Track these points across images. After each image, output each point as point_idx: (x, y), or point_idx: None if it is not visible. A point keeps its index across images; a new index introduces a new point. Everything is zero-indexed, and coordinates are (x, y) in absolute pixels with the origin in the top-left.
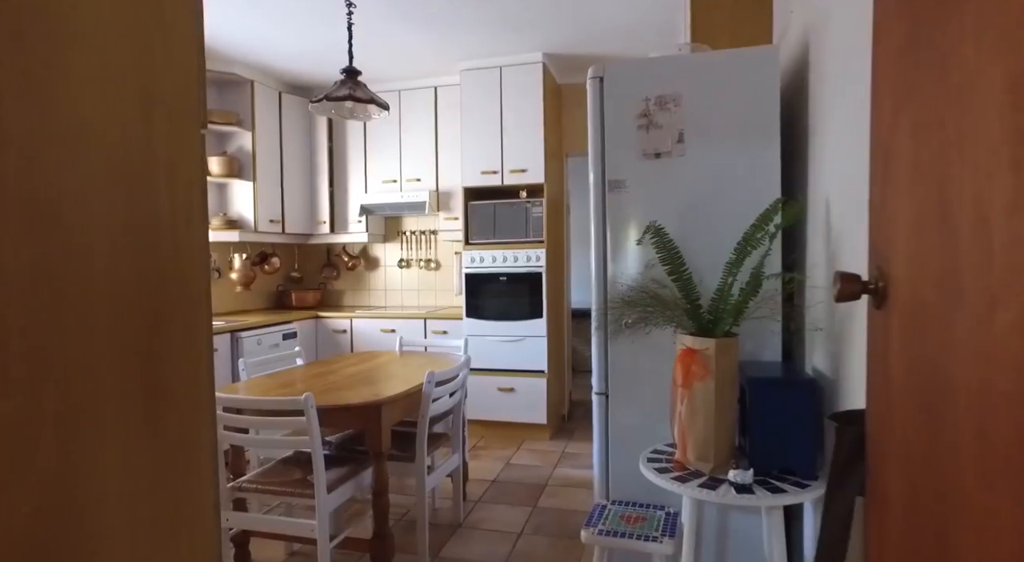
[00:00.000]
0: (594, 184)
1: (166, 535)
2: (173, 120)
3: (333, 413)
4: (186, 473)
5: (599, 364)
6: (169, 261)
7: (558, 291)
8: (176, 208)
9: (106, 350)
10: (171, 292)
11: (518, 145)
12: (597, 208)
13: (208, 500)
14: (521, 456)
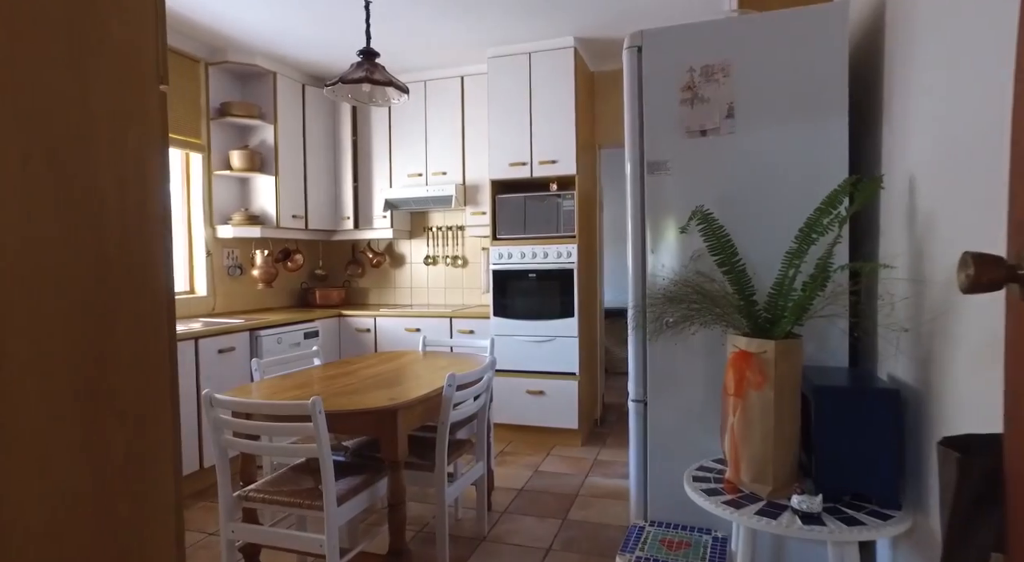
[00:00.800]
0: (631, 166)
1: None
2: (119, 71)
3: (344, 418)
4: (139, 480)
5: (637, 368)
6: (114, 249)
7: (591, 289)
8: (124, 184)
9: (19, 351)
10: (117, 286)
11: (548, 135)
12: (635, 193)
13: (167, 509)
14: (550, 463)
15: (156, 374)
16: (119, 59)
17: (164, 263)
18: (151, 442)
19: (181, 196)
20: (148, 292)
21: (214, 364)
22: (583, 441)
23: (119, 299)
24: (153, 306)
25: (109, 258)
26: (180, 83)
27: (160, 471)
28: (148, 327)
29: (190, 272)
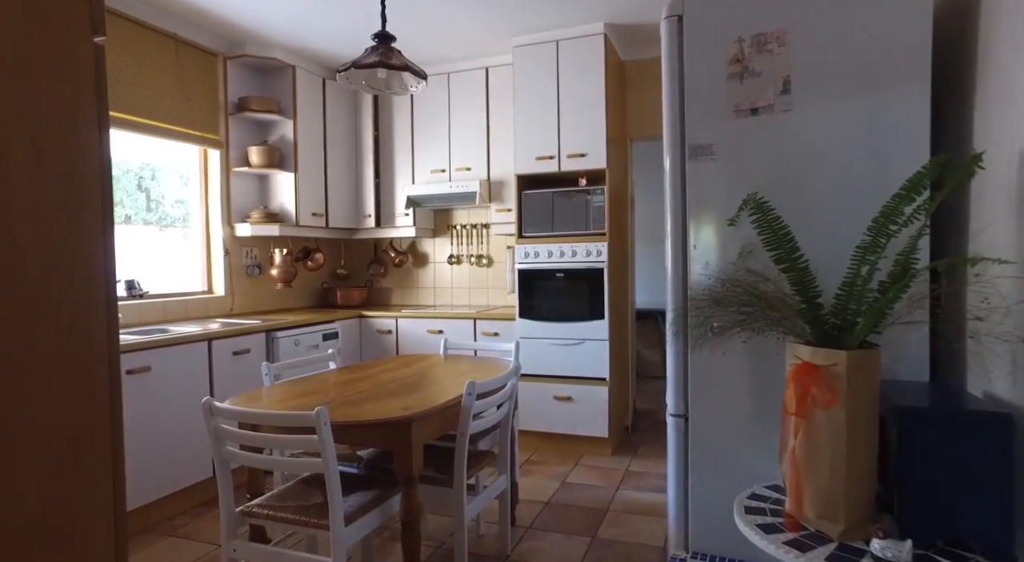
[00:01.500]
0: (671, 152)
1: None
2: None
3: (353, 430)
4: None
5: (677, 379)
6: (25, 238)
7: (621, 289)
8: (42, 155)
9: None
10: (30, 286)
11: (576, 128)
12: (675, 183)
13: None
14: (579, 474)
15: (88, 398)
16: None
17: (103, 258)
18: (79, 483)
19: (199, 193)
20: (78, 294)
21: (228, 367)
22: (613, 450)
23: (34, 303)
24: (85, 312)
25: (19, 248)
26: (198, 77)
27: (92, 520)
28: (79, 338)
29: (208, 272)
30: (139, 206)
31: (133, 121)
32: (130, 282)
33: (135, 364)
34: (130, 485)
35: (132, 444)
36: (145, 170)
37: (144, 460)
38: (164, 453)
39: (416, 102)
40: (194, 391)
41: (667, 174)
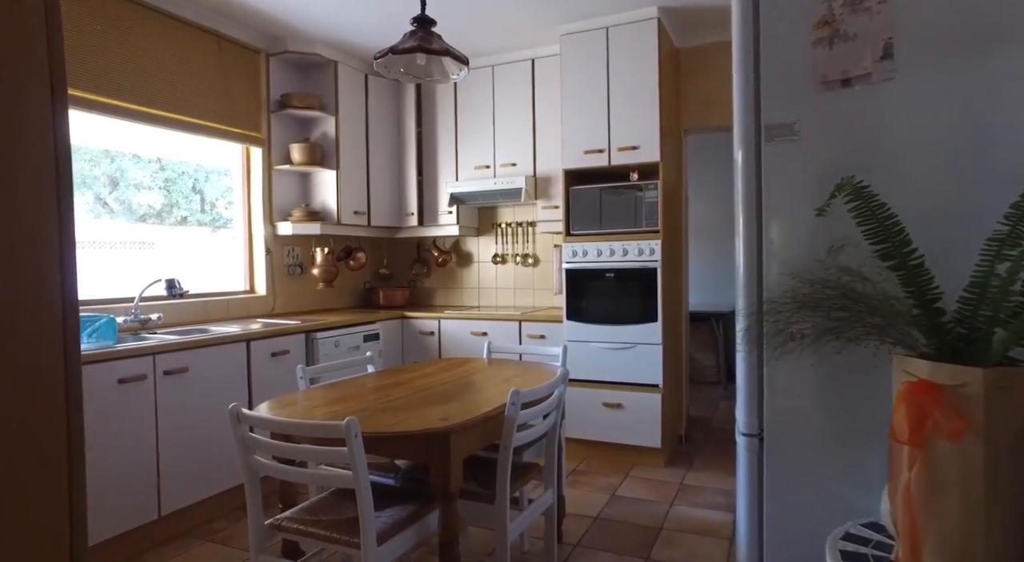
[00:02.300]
0: (742, 134)
1: None
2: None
3: (387, 442)
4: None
5: (750, 393)
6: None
7: (676, 290)
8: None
9: None
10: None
11: (628, 119)
12: (748, 168)
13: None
14: (630, 486)
15: (39, 412)
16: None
17: (60, 261)
18: (28, 515)
19: (241, 192)
20: (26, 300)
21: (267, 368)
22: (666, 461)
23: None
24: (37, 320)
25: None
26: (240, 75)
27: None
28: (29, 349)
29: (250, 271)
30: (194, 207)
31: (176, 119)
32: (170, 281)
33: (172, 365)
34: (165, 488)
35: (168, 446)
36: (199, 172)
37: (180, 462)
38: (201, 456)
39: (460, 96)
40: (232, 393)
41: (738, 160)
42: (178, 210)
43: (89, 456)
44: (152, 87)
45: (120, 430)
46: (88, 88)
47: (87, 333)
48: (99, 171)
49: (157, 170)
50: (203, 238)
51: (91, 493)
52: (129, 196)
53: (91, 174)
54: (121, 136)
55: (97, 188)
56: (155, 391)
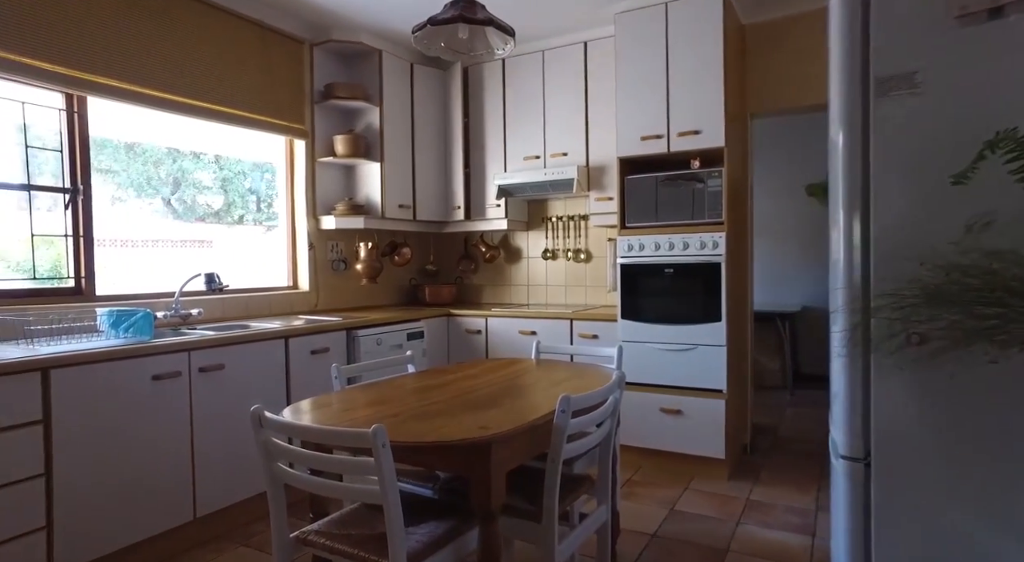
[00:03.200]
0: (843, 89)
1: None
2: None
3: (420, 452)
4: None
5: (852, 409)
6: None
7: (741, 287)
8: None
9: None
10: None
11: (689, 102)
12: (850, 133)
13: None
14: (690, 500)
15: None
16: None
17: None
18: None
19: (285, 185)
20: None
21: (306, 367)
22: (730, 474)
23: None
24: None
25: None
26: (284, 66)
27: None
28: None
29: (293, 266)
30: (250, 207)
31: (220, 111)
32: (210, 276)
33: (208, 361)
34: (200, 489)
35: (203, 446)
36: (255, 171)
37: (216, 463)
38: (238, 456)
39: (508, 84)
40: (269, 391)
41: (837, 125)
42: (235, 209)
43: (122, 454)
44: (194, 78)
45: (154, 428)
46: (130, 79)
47: (123, 327)
48: (163, 172)
49: (215, 170)
50: (257, 236)
51: (124, 493)
52: (191, 196)
53: (156, 175)
54: (176, 134)
55: (162, 189)
56: (190, 389)
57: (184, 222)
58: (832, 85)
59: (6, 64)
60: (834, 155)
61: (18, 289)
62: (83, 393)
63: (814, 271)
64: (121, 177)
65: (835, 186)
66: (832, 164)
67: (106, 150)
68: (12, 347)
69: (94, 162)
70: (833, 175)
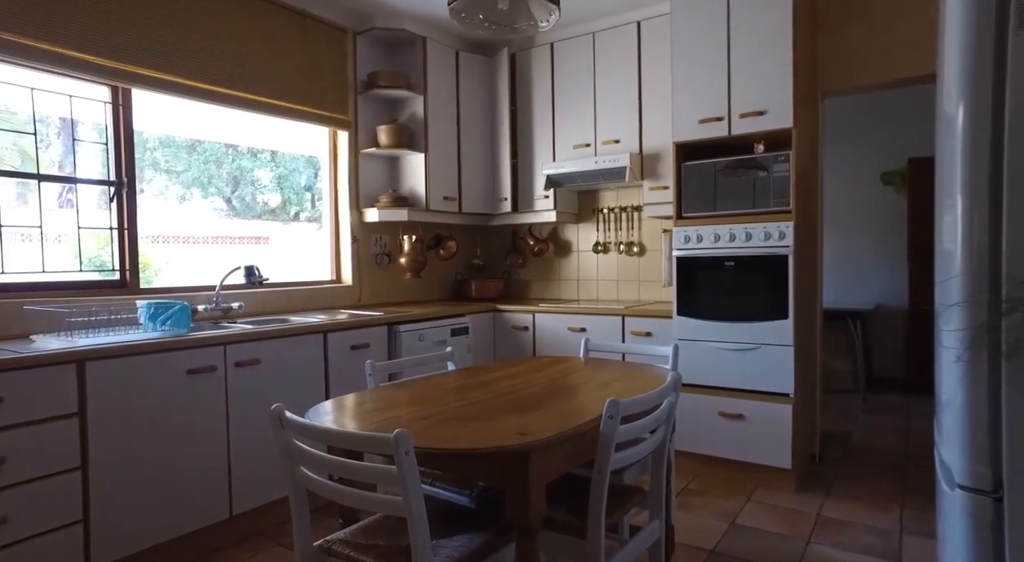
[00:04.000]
0: (969, 26)
1: None
2: None
3: (450, 459)
4: None
5: (972, 426)
6: None
7: (809, 282)
8: None
9: None
10: None
11: (752, 80)
12: (975, 82)
13: None
14: (753, 514)
15: None
16: None
17: None
18: None
19: (328, 177)
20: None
21: (346, 363)
22: (797, 485)
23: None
24: None
25: None
26: (327, 55)
27: None
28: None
29: (336, 260)
30: (305, 204)
31: (263, 102)
32: (249, 269)
33: (244, 356)
34: (237, 485)
35: (239, 442)
36: (308, 168)
37: (252, 460)
38: (275, 454)
39: (557, 69)
40: (307, 387)
41: (957, 81)
42: (291, 206)
43: (157, 449)
44: (236, 68)
45: (189, 424)
46: (173, 71)
47: (161, 320)
48: (224, 171)
49: (272, 167)
50: (312, 233)
51: (159, 488)
52: (249, 194)
53: (217, 174)
54: (228, 131)
55: (222, 188)
56: (226, 383)
57: (243, 219)
58: (949, 35)
59: (56, 58)
60: (948, 128)
61: (66, 281)
62: (118, 386)
63: (890, 267)
64: (184, 176)
65: (949, 164)
66: (944, 139)
67: (169, 149)
68: (53, 339)
69: (160, 162)
70: (946, 151)
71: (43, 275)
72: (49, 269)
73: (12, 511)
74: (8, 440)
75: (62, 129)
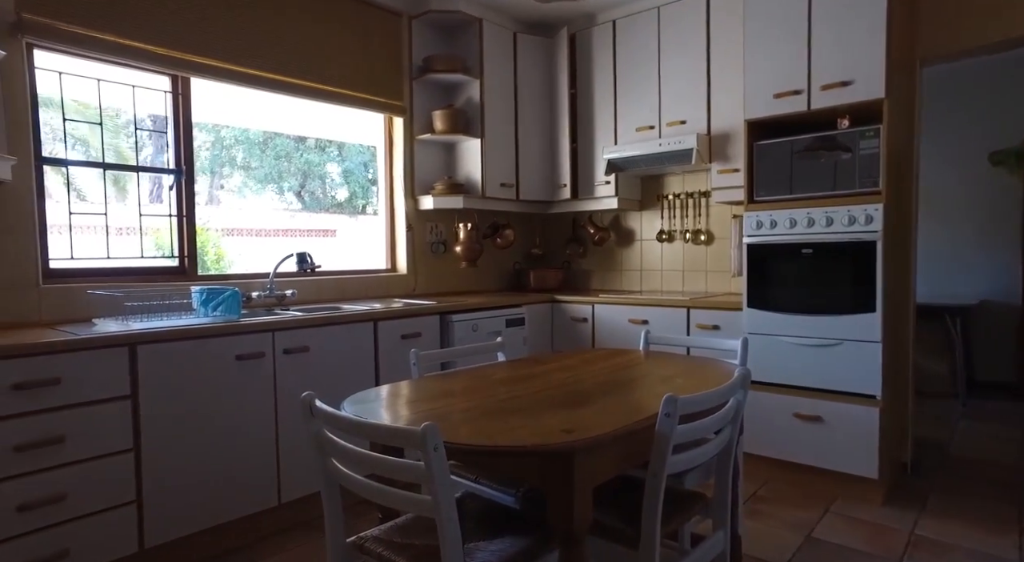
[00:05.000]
0: None
1: None
2: None
3: (485, 457)
4: None
5: None
6: None
7: (901, 272)
8: None
9: None
10: None
11: (837, 47)
12: None
13: None
14: (832, 527)
15: None
16: None
17: None
18: None
19: (383, 165)
20: None
21: (396, 352)
22: (885, 498)
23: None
24: None
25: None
26: (382, 40)
27: None
28: None
29: (392, 248)
30: (371, 197)
31: (319, 89)
32: (301, 256)
33: (292, 343)
34: (285, 473)
35: (288, 430)
36: (372, 161)
37: (301, 448)
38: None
39: (619, 47)
40: (356, 377)
41: None
42: (357, 199)
43: (206, 434)
44: (292, 55)
45: (238, 410)
46: (230, 59)
47: (212, 306)
48: (292, 166)
49: (339, 160)
50: (376, 224)
51: (209, 473)
52: (318, 187)
53: (287, 169)
54: (289, 121)
55: (292, 182)
56: (274, 370)
57: (312, 213)
58: None
59: (120, 49)
60: None
61: (130, 268)
62: (168, 370)
63: (999, 257)
64: (258, 172)
65: None
66: None
67: (242, 145)
68: (112, 322)
69: (237, 158)
70: None
71: (108, 261)
72: (121, 256)
73: (71, 488)
74: (65, 420)
75: (128, 120)
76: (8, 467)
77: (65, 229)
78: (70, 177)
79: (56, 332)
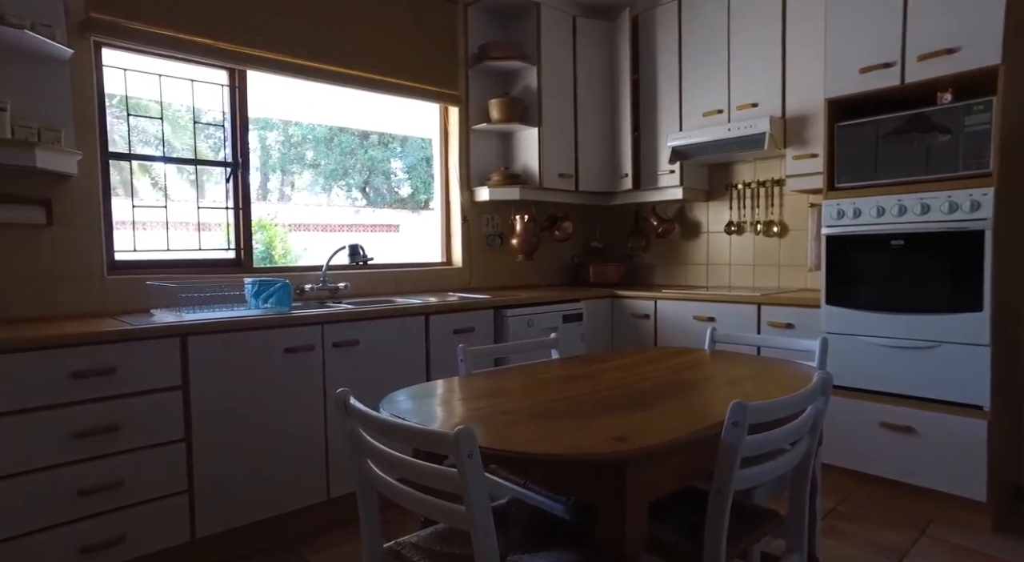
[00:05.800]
0: None
1: None
2: None
3: (526, 465)
4: None
5: None
6: None
7: (1016, 267)
8: None
9: None
10: None
11: (941, 8)
12: None
13: None
14: (929, 553)
15: None
16: None
17: None
18: None
19: (439, 156)
20: None
21: (448, 347)
22: (995, 524)
23: None
24: None
25: None
26: (437, 28)
27: None
28: None
29: (447, 241)
30: (432, 192)
31: (374, 79)
32: (353, 248)
33: (342, 336)
34: (334, 469)
35: (336, 425)
36: (433, 158)
37: None
38: None
39: (685, 28)
40: (407, 371)
41: None
42: (419, 194)
43: (256, 426)
44: (347, 46)
45: (287, 402)
46: (285, 50)
47: (263, 297)
48: (356, 162)
49: (401, 156)
50: (435, 219)
51: (259, 465)
52: (381, 183)
53: (352, 165)
54: (344, 114)
55: (356, 178)
56: (323, 364)
57: (376, 208)
58: None
59: (181, 44)
60: None
61: (188, 260)
62: (218, 361)
63: None
64: (324, 169)
65: None
66: None
67: (308, 143)
68: (168, 313)
69: (306, 156)
70: None
71: (168, 253)
72: (183, 248)
73: (127, 475)
74: (120, 408)
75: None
76: (69, 452)
77: (138, 223)
78: (138, 172)
79: (114, 322)
